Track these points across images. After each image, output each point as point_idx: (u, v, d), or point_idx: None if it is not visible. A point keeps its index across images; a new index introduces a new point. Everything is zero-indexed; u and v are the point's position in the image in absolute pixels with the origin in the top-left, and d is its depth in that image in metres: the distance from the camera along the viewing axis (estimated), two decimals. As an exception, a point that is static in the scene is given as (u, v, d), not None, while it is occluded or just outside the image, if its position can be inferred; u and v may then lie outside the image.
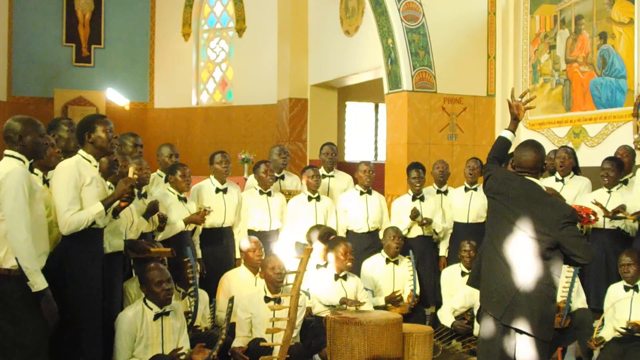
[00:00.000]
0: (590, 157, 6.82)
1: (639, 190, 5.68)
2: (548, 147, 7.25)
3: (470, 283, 4.11)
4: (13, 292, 3.64)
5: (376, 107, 12.65)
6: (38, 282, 3.63)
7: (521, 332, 3.74)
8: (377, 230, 6.67)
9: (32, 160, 3.87)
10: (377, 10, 8.29)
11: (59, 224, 3.95)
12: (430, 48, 8.22)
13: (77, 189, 3.99)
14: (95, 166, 4.18)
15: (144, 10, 13.39)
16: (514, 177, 3.95)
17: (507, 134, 4.14)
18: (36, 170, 4.15)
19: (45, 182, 4.17)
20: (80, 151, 4.16)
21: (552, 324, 3.87)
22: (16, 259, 3.61)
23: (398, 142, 8.35)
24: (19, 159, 3.78)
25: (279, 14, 11.89)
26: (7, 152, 3.80)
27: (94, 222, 4.02)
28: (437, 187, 6.88)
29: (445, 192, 6.83)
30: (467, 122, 8.51)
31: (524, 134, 8.22)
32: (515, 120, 4.12)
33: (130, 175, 4.25)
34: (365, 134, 12.70)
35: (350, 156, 12.21)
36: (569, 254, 3.78)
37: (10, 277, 3.64)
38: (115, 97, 12.99)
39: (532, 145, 4.04)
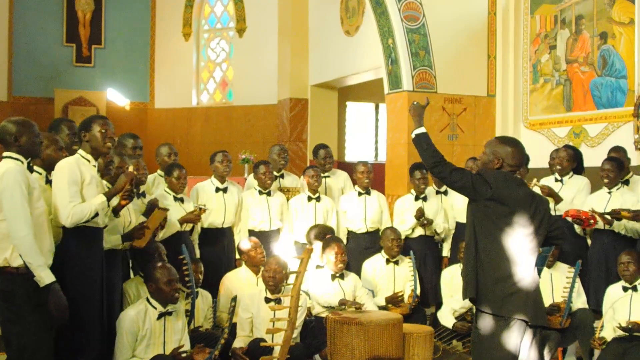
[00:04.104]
0: (590, 157, 6.80)
1: None
2: (549, 147, 7.28)
3: (467, 296, 3.85)
4: (18, 290, 3.66)
5: (376, 107, 12.65)
6: (43, 277, 3.64)
7: (530, 325, 3.74)
8: (376, 231, 6.65)
9: (29, 160, 3.87)
10: (378, 10, 8.29)
11: (61, 217, 3.96)
12: (430, 48, 8.22)
13: (77, 184, 4.00)
14: (94, 166, 4.18)
15: (145, 10, 13.38)
16: (511, 178, 3.82)
17: (424, 129, 3.95)
18: (39, 170, 4.15)
19: (49, 181, 4.16)
20: (80, 150, 4.17)
21: None
22: (20, 256, 3.63)
23: (398, 142, 8.35)
24: (16, 159, 3.79)
25: (280, 14, 11.89)
26: (5, 153, 3.83)
27: (94, 217, 4.01)
28: (436, 188, 6.84)
29: (445, 193, 6.81)
30: (467, 122, 8.51)
31: (524, 134, 8.23)
32: (421, 118, 3.99)
33: (130, 170, 4.25)
34: (365, 134, 12.70)
35: (350, 156, 12.21)
36: (554, 237, 3.88)
37: (17, 276, 3.67)
38: (115, 97, 12.98)
39: (513, 141, 3.95)
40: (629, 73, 7.18)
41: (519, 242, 3.72)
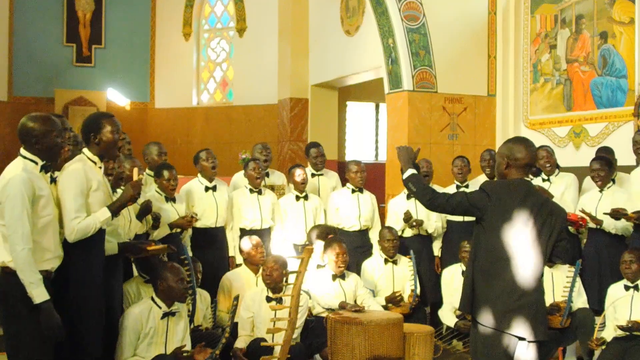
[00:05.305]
0: (590, 156, 6.79)
1: (637, 190, 5.68)
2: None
3: (463, 308, 3.80)
4: (16, 290, 3.61)
5: (377, 107, 12.64)
6: (34, 295, 3.57)
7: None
8: (368, 229, 6.65)
9: (45, 162, 3.77)
10: (378, 10, 8.28)
11: (65, 230, 3.86)
12: (430, 48, 8.22)
13: (84, 195, 3.89)
14: (100, 167, 4.09)
15: (145, 10, 13.37)
16: (516, 187, 3.65)
17: (413, 171, 3.94)
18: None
19: (53, 180, 3.99)
20: (85, 151, 4.05)
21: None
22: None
23: (399, 142, 8.31)
24: (32, 160, 3.71)
25: (280, 14, 11.89)
26: (22, 152, 3.74)
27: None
28: None
29: None
30: (467, 122, 8.51)
31: (524, 133, 8.22)
32: (408, 162, 3.96)
33: (135, 177, 4.20)
34: (365, 133, 12.69)
35: (350, 156, 12.19)
36: (554, 255, 3.71)
37: (15, 277, 3.60)
38: (115, 97, 12.97)
39: (517, 138, 3.89)
40: (629, 72, 7.17)
41: (523, 254, 3.58)
